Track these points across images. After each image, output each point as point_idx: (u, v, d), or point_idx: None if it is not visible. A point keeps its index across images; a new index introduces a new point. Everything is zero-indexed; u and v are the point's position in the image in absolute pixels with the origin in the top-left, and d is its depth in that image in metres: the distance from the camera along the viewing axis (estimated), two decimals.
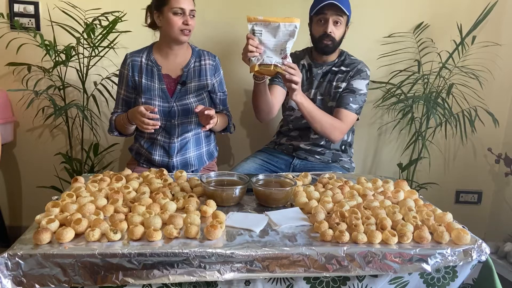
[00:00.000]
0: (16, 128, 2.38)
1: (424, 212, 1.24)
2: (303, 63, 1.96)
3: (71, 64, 2.18)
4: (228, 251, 1.04)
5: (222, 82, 1.90)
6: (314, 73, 1.92)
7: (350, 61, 1.90)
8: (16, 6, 2.21)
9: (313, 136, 1.92)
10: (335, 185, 1.47)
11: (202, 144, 1.89)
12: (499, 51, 2.38)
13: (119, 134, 1.86)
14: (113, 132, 1.85)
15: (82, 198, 1.25)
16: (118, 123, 1.80)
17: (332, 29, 1.79)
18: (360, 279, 1.12)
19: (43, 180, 2.38)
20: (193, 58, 1.82)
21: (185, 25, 1.70)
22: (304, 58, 1.96)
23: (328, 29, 1.79)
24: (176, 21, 1.69)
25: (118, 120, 1.80)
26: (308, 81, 1.93)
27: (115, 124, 1.82)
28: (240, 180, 1.44)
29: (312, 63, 1.94)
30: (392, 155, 2.55)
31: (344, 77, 1.88)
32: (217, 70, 1.86)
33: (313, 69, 1.93)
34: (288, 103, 1.98)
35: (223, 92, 1.91)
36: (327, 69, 1.91)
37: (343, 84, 1.87)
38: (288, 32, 1.52)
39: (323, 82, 1.90)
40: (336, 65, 1.90)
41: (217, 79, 1.87)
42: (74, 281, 1.01)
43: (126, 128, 1.78)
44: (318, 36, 1.83)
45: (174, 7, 1.69)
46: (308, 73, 1.94)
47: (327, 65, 1.91)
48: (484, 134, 2.46)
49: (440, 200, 2.55)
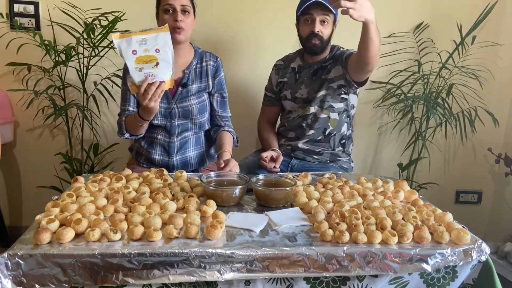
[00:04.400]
0: (16, 128, 2.38)
1: (424, 212, 1.24)
2: (292, 66, 1.96)
3: (71, 64, 2.18)
4: (228, 251, 1.04)
5: (221, 84, 1.87)
6: (305, 74, 1.93)
7: (341, 53, 1.89)
8: (16, 6, 2.21)
9: (308, 133, 1.92)
10: (335, 185, 1.47)
11: (202, 144, 1.88)
12: (499, 51, 2.38)
13: (130, 136, 1.75)
14: (123, 135, 1.73)
15: (82, 198, 1.25)
16: (129, 123, 1.71)
17: (320, 28, 1.79)
18: (360, 279, 1.11)
19: (43, 180, 2.38)
20: (195, 60, 1.81)
21: (174, 21, 1.65)
22: (295, 61, 1.97)
23: (316, 28, 1.78)
24: (167, 19, 1.67)
25: (129, 120, 1.70)
26: (298, 82, 1.94)
27: (126, 125, 1.73)
28: (240, 180, 1.44)
29: (303, 64, 1.94)
30: (392, 155, 2.55)
31: (333, 65, 1.86)
32: (218, 71, 1.85)
33: (304, 71, 1.93)
34: (285, 107, 2.00)
35: (221, 94, 1.86)
36: (317, 66, 1.91)
37: (333, 71, 1.85)
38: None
39: (314, 79, 1.90)
40: (326, 61, 1.90)
41: (216, 79, 1.84)
42: (74, 281, 1.01)
43: (139, 127, 1.67)
44: (306, 36, 1.83)
45: (163, 4, 1.68)
46: (297, 75, 1.95)
47: (317, 63, 1.91)
48: (484, 134, 2.46)
49: (440, 200, 2.55)
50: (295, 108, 1.95)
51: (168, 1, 1.66)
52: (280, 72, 2.00)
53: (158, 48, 1.45)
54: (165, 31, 1.46)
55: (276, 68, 2.03)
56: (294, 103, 1.95)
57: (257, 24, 2.35)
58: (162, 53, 1.46)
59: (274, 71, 2.03)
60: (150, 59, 1.46)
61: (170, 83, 1.51)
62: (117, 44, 1.44)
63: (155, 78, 1.48)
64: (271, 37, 2.36)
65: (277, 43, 2.34)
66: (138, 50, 1.44)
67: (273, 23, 2.34)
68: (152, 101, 1.50)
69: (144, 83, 1.47)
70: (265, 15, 2.34)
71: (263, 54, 2.37)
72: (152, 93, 1.48)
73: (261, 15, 2.34)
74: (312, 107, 1.90)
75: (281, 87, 1.99)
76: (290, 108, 1.97)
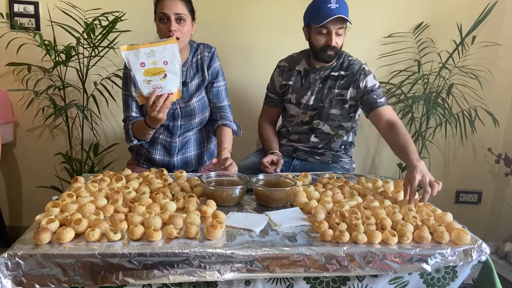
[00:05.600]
0: (16, 128, 2.38)
1: (424, 212, 1.24)
2: (298, 69, 1.90)
3: (71, 64, 2.18)
4: (228, 251, 1.04)
5: (217, 73, 1.81)
6: (311, 79, 1.87)
7: (349, 63, 1.84)
8: (16, 6, 2.21)
9: (313, 139, 1.91)
10: (335, 185, 1.47)
11: (202, 144, 1.88)
12: (499, 51, 2.38)
13: (138, 142, 1.73)
14: (132, 141, 1.71)
15: (82, 198, 1.25)
16: (136, 130, 1.68)
17: (336, 40, 1.75)
18: (360, 279, 1.11)
19: (43, 180, 2.38)
20: (191, 55, 1.78)
21: (168, 31, 1.61)
22: (300, 63, 1.91)
23: (333, 42, 1.73)
24: (162, 28, 1.64)
25: (136, 127, 1.67)
26: (304, 87, 1.88)
27: (133, 131, 1.70)
28: (240, 180, 1.44)
29: (310, 69, 1.88)
30: (392, 155, 2.52)
31: (346, 84, 1.82)
32: (212, 61, 1.79)
33: (310, 75, 1.88)
34: (288, 110, 1.96)
35: (215, 83, 1.80)
36: (325, 74, 1.85)
37: (347, 91, 1.82)
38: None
39: (323, 89, 1.85)
40: (335, 70, 1.85)
41: (211, 69, 1.79)
42: (74, 281, 1.01)
43: (146, 134, 1.66)
44: (320, 47, 1.77)
45: (158, 12, 1.64)
46: (304, 79, 1.89)
47: (325, 69, 1.86)
48: (484, 134, 2.46)
49: (440, 200, 2.54)
50: (298, 114, 1.91)
51: (163, 9, 1.62)
52: (284, 74, 1.94)
53: (166, 60, 1.47)
54: (173, 42, 1.48)
55: (280, 69, 1.96)
56: (298, 108, 1.90)
57: (257, 24, 2.35)
58: (170, 65, 1.48)
59: (277, 72, 1.96)
60: (158, 71, 1.48)
61: (178, 94, 1.54)
62: (124, 56, 1.45)
63: (163, 90, 1.50)
64: (272, 37, 2.36)
65: (278, 43, 2.33)
66: (146, 63, 1.46)
67: (273, 23, 2.34)
68: (161, 113, 1.51)
69: (153, 96, 1.49)
70: (265, 15, 2.34)
71: (263, 54, 2.36)
72: (161, 105, 1.49)
73: (262, 15, 2.34)
74: (322, 122, 1.87)
75: (286, 90, 1.93)
76: (294, 113, 1.92)
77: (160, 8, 1.63)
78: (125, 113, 1.76)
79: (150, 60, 1.46)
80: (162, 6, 1.62)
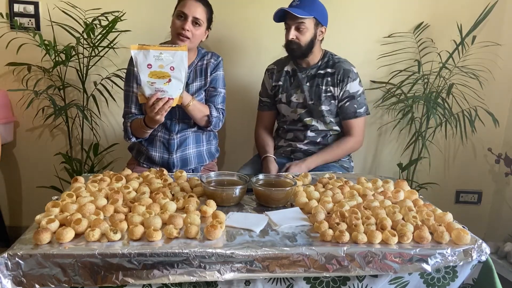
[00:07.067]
0: (16, 128, 2.38)
1: (424, 212, 1.24)
2: (286, 69, 1.96)
3: (71, 64, 2.18)
4: (228, 251, 1.04)
5: (217, 80, 1.84)
6: (299, 78, 1.92)
7: (334, 61, 1.90)
8: (16, 6, 2.21)
9: (309, 134, 1.93)
10: (335, 185, 1.47)
11: (202, 142, 1.89)
12: (499, 51, 2.38)
13: (136, 139, 1.78)
14: (130, 139, 1.76)
15: (82, 198, 1.25)
16: (135, 128, 1.73)
17: (295, 35, 1.80)
18: (360, 279, 1.12)
19: (43, 180, 2.38)
20: (197, 59, 1.82)
21: (181, 29, 1.66)
22: (288, 64, 1.97)
23: (289, 36, 1.80)
24: (176, 23, 1.68)
25: (135, 125, 1.73)
26: (293, 86, 1.94)
27: (132, 129, 1.75)
28: (240, 180, 1.44)
29: (297, 68, 1.94)
30: (392, 155, 2.55)
31: (333, 81, 1.87)
32: (216, 68, 1.84)
33: (298, 74, 1.93)
34: (280, 111, 2.00)
35: (214, 88, 1.83)
36: (312, 72, 1.91)
37: (334, 88, 1.87)
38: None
39: (312, 87, 1.90)
40: (321, 68, 1.90)
41: (213, 75, 1.82)
42: (74, 281, 1.01)
43: (144, 132, 1.72)
44: (285, 43, 1.86)
45: (178, 9, 1.70)
46: (292, 78, 1.95)
47: (311, 68, 1.91)
48: (484, 134, 2.45)
49: (440, 200, 2.55)
50: (288, 113, 1.96)
51: (183, 8, 1.67)
52: (274, 76, 1.99)
53: (173, 66, 1.49)
54: (183, 49, 1.50)
55: (269, 72, 2.02)
56: (288, 107, 1.95)
57: (257, 24, 2.34)
58: (176, 71, 1.50)
59: (267, 76, 2.02)
60: (163, 75, 1.50)
61: (179, 100, 1.56)
62: (133, 55, 1.47)
63: (165, 94, 1.52)
64: (272, 40, 2.34)
65: (278, 46, 2.32)
66: (153, 65, 1.48)
67: (274, 24, 2.33)
68: (159, 115, 1.54)
69: (153, 97, 1.52)
70: (265, 15, 2.33)
71: (262, 59, 2.33)
72: (159, 108, 1.52)
73: (262, 16, 2.33)
74: (314, 119, 1.92)
75: (276, 91, 1.99)
76: (285, 112, 1.98)
77: (181, 6, 1.69)
78: (125, 108, 1.81)
79: (158, 63, 1.48)
80: (184, 4, 1.68)
